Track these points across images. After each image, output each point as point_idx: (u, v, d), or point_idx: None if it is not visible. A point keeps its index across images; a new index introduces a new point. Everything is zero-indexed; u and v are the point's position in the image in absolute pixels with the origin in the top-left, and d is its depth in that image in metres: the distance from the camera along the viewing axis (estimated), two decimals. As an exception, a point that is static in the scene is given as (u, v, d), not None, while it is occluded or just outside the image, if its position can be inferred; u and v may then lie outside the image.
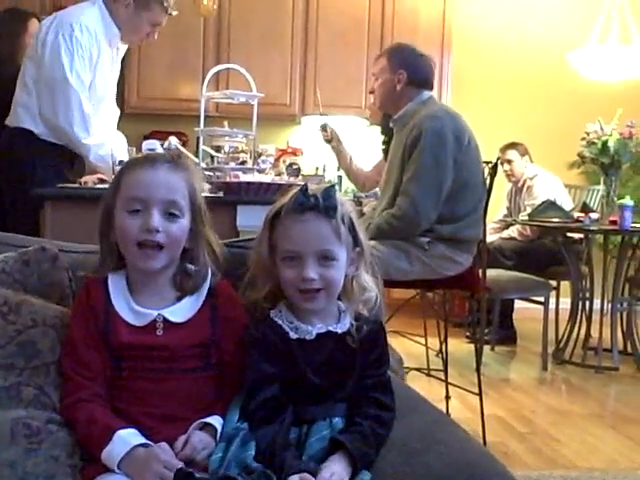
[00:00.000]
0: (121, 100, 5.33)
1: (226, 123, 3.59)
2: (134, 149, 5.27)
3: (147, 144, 3.10)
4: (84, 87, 2.98)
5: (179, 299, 1.32)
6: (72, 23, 2.96)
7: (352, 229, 1.30)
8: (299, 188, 1.28)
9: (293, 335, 1.27)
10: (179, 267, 1.34)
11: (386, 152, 3.82)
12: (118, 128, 3.52)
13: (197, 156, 3.27)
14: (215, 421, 1.24)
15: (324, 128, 3.78)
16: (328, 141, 3.73)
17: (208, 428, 1.23)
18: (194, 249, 1.34)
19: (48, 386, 1.26)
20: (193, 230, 1.33)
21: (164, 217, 1.27)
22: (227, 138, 3.34)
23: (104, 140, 3.05)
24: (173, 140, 3.39)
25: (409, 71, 2.86)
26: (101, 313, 1.28)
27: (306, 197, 1.26)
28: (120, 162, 3.06)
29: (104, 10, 3.07)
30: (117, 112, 3.48)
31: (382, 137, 3.91)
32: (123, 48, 3.32)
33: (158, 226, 1.26)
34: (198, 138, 3.30)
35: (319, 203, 1.26)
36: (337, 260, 1.27)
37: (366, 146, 5.41)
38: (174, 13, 3.20)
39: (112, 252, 1.32)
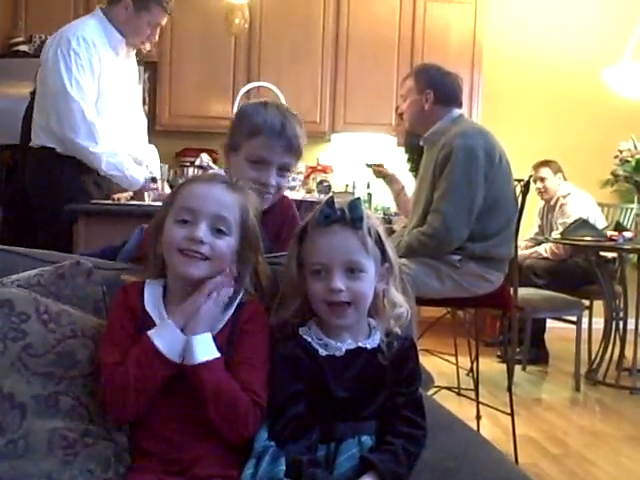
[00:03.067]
0: (152, 118, 5.43)
1: (257, 140, 3.61)
2: (167, 167, 5.34)
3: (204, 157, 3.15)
4: (86, 96, 3.00)
5: None
6: (69, 37, 3.01)
7: (379, 242, 1.30)
8: (324, 201, 1.29)
9: (322, 352, 1.27)
10: None
11: (412, 171, 3.83)
12: (150, 144, 3.55)
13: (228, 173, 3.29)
14: None
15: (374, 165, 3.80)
16: (383, 176, 3.72)
17: None
18: (240, 273, 1.32)
19: (85, 397, 1.27)
20: (241, 254, 1.32)
21: (211, 231, 1.28)
22: (258, 155, 3.35)
23: (116, 149, 3.06)
24: (204, 157, 3.43)
25: (436, 90, 2.86)
26: (138, 314, 1.30)
27: (332, 209, 1.27)
28: (153, 178, 3.09)
29: (103, 19, 3.12)
30: (143, 121, 3.49)
31: (407, 156, 3.92)
32: (132, 55, 3.34)
33: (203, 237, 1.27)
34: (229, 155, 3.33)
35: (345, 215, 1.26)
36: (365, 272, 1.27)
37: (396, 164, 5.42)
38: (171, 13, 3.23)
39: (156, 263, 1.33)
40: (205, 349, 1.23)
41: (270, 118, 1.71)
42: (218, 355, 1.24)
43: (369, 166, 3.64)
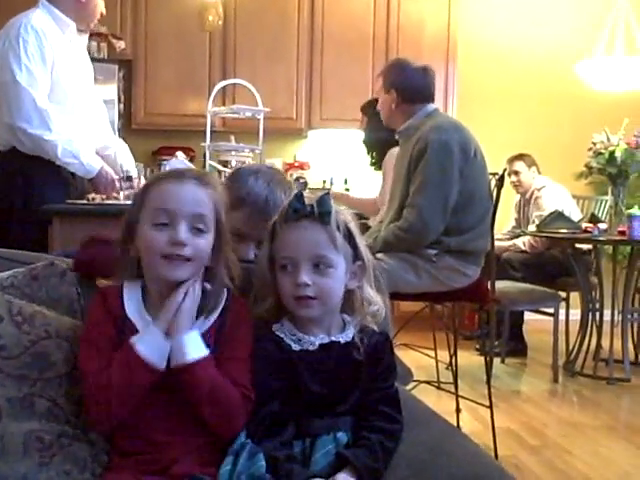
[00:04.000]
0: (128, 116, 5.40)
1: (233, 138, 3.61)
2: (142, 165, 5.30)
3: (172, 162, 3.10)
4: (37, 83, 2.92)
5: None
6: (18, 26, 2.95)
7: (350, 238, 1.30)
8: (294, 195, 1.29)
9: (295, 347, 1.27)
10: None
11: (372, 165, 3.88)
12: (127, 143, 3.52)
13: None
14: None
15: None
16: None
17: None
18: (215, 267, 1.32)
19: (61, 398, 1.26)
20: (216, 248, 1.31)
21: (191, 232, 1.26)
22: (234, 153, 3.36)
23: (72, 137, 2.99)
24: (180, 155, 3.42)
25: (398, 90, 2.89)
26: (119, 319, 1.28)
27: (301, 204, 1.27)
28: (129, 177, 3.07)
29: (49, 7, 3.06)
30: (103, 110, 3.42)
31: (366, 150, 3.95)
32: (84, 40, 3.30)
33: (185, 239, 1.25)
34: (205, 153, 3.32)
35: (314, 209, 1.26)
36: (333, 268, 1.27)
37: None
38: None
39: (131, 265, 1.30)
40: (195, 347, 1.23)
41: (255, 191, 1.63)
42: (207, 352, 1.24)
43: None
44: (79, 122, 3.10)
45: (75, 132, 3.02)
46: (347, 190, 5.63)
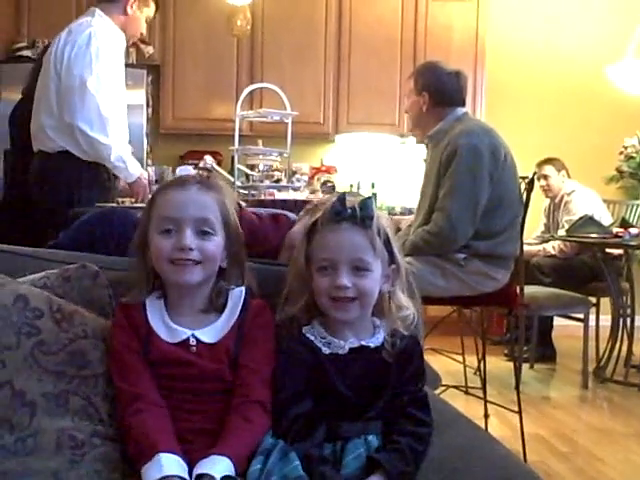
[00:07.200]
0: (156, 121, 5.44)
1: (260, 142, 3.63)
2: (170, 169, 5.35)
3: (181, 169, 3.14)
4: (103, 90, 3.02)
5: (215, 320, 1.32)
6: (88, 34, 3.04)
7: (387, 244, 1.30)
8: (336, 197, 1.29)
9: (325, 350, 1.27)
10: (214, 287, 1.34)
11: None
12: (153, 148, 3.58)
13: (232, 175, 3.30)
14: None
15: None
16: None
17: None
18: (230, 269, 1.34)
19: (95, 397, 1.27)
20: (228, 250, 1.33)
21: (197, 236, 1.28)
22: (261, 156, 3.38)
23: (123, 143, 3.11)
24: (208, 159, 3.44)
25: (431, 93, 2.87)
26: (141, 333, 1.29)
27: (343, 206, 1.27)
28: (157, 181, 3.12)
29: (105, 17, 3.17)
30: None
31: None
32: None
33: (190, 244, 1.27)
34: (233, 157, 3.34)
35: (356, 213, 1.26)
36: (371, 271, 1.27)
37: (399, 163, 5.42)
38: None
39: (148, 275, 1.33)
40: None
41: None
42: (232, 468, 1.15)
43: None
44: (125, 128, 3.19)
45: (124, 138, 3.11)
46: (374, 195, 5.63)
